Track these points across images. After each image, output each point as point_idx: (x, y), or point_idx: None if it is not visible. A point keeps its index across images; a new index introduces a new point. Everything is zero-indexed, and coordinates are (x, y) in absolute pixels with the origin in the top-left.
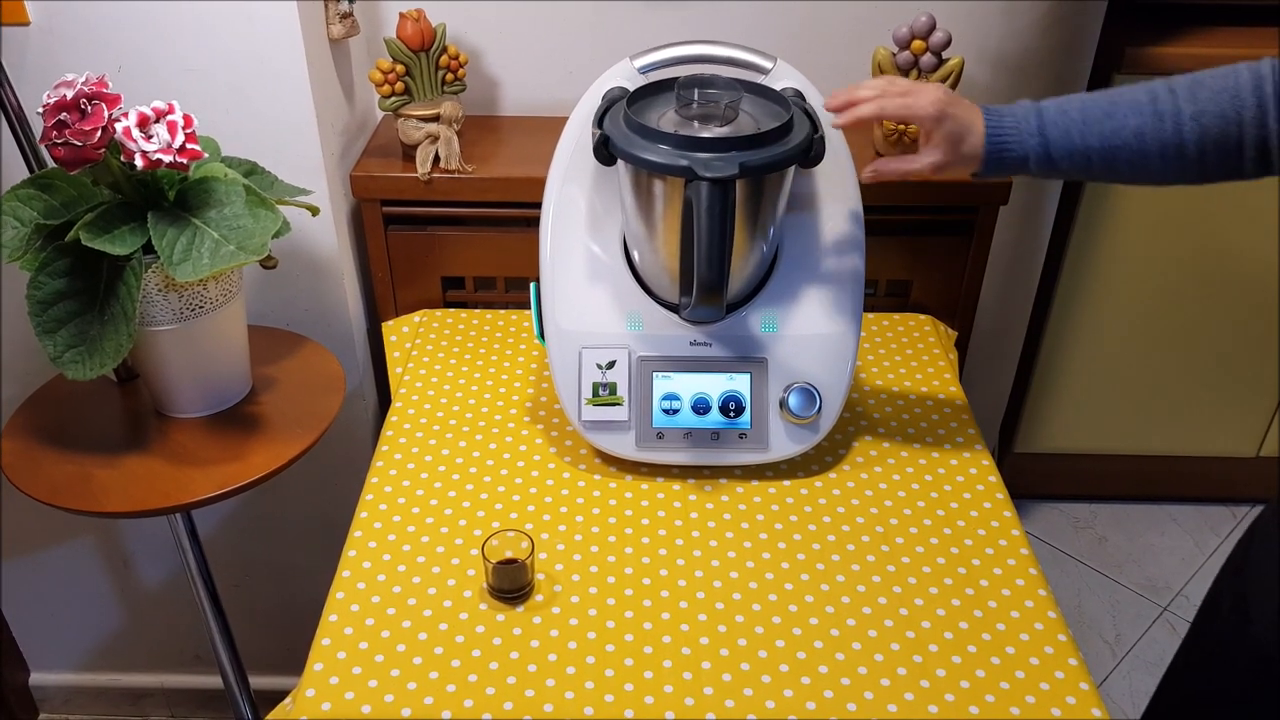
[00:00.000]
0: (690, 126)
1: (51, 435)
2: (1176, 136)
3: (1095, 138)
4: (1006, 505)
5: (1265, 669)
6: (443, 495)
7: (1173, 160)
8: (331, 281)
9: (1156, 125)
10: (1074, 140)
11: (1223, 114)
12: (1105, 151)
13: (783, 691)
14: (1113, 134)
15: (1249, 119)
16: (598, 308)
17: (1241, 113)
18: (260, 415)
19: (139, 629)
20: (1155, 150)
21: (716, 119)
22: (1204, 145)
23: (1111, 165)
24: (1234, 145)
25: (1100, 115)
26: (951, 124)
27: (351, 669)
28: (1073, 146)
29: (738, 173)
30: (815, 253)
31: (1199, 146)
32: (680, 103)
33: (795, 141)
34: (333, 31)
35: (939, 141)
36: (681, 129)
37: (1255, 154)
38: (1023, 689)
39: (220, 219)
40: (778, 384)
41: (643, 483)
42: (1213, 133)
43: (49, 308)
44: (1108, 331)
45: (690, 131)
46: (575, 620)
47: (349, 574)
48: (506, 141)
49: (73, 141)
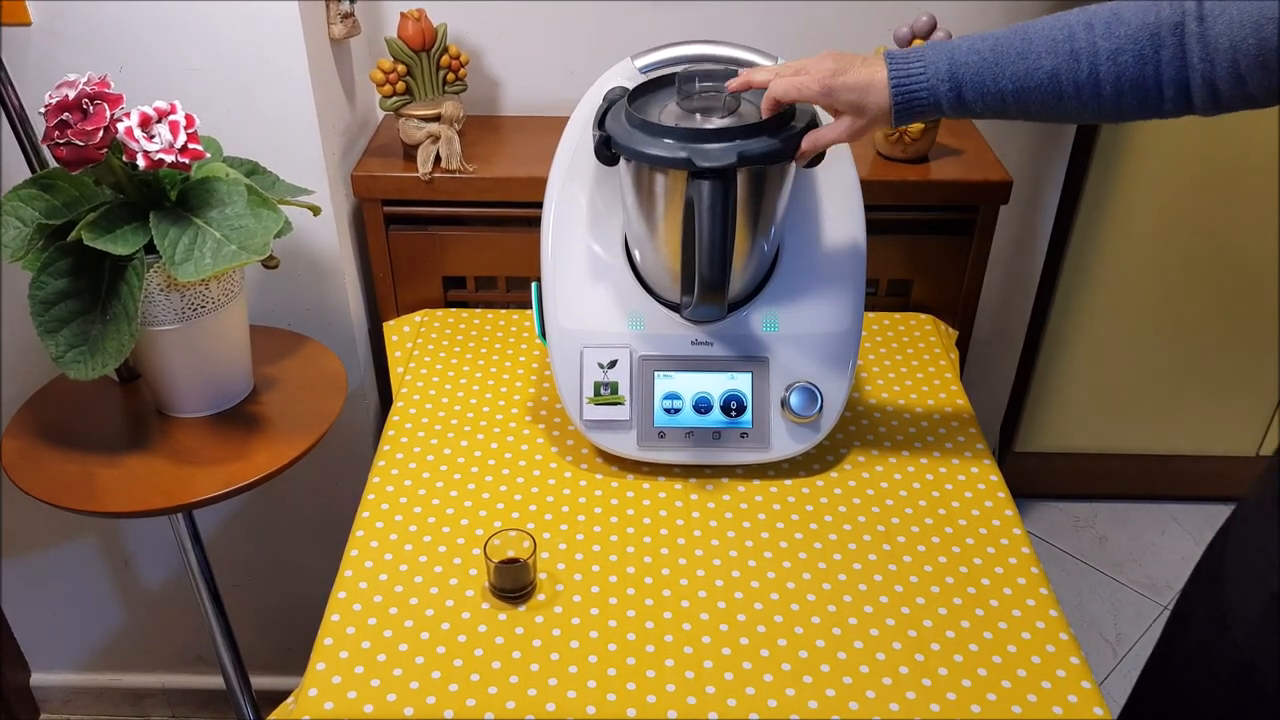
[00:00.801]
0: (692, 119)
1: (53, 435)
2: (1092, 78)
3: (1009, 79)
4: (1008, 504)
5: (1247, 675)
6: (444, 494)
7: (1089, 100)
8: (333, 281)
9: (1072, 65)
10: (985, 83)
11: (1140, 54)
12: (1019, 93)
13: (784, 690)
14: (1027, 75)
15: (1167, 58)
16: (599, 307)
17: (1160, 51)
18: (262, 415)
19: (140, 629)
20: (1071, 91)
21: (718, 110)
22: (1120, 85)
23: (1025, 106)
24: (1152, 85)
25: (1014, 55)
26: (845, 93)
27: (354, 668)
28: (984, 89)
29: (735, 161)
30: (817, 252)
31: (1115, 86)
32: (681, 95)
33: (795, 132)
34: (334, 31)
35: (842, 110)
36: (682, 121)
37: (1174, 93)
38: (1024, 688)
39: (222, 219)
40: (779, 383)
41: (644, 482)
42: (1129, 72)
43: (51, 307)
44: (1107, 331)
45: (691, 124)
46: (577, 619)
47: (351, 573)
48: (507, 141)
49: (75, 141)
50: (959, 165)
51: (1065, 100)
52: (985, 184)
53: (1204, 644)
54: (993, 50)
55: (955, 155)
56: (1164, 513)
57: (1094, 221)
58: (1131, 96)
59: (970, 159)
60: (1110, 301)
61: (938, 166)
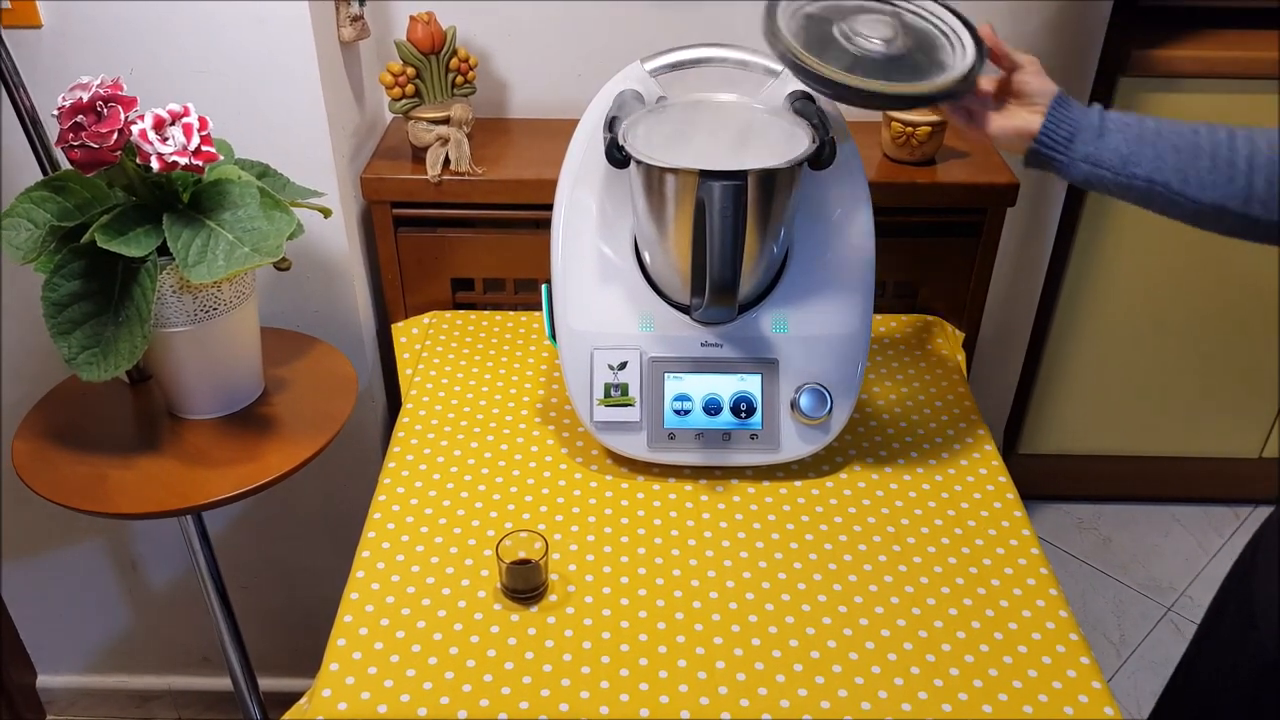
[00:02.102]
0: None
1: (65, 436)
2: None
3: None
4: (1016, 505)
5: (1271, 675)
6: (455, 495)
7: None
8: (342, 283)
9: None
10: (1120, 180)
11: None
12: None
13: (797, 690)
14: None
15: None
16: (609, 309)
17: None
18: (273, 416)
19: (146, 631)
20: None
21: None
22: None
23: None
24: None
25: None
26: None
27: (367, 669)
28: (1117, 185)
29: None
30: (826, 254)
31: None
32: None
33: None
34: (343, 34)
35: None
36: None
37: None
38: (1034, 688)
39: (235, 221)
40: (789, 385)
41: (654, 483)
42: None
43: (64, 309)
44: (1112, 333)
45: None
46: (589, 620)
47: (363, 574)
48: (516, 144)
49: (89, 144)
50: (966, 168)
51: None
52: (992, 186)
53: (1231, 642)
54: (1152, 161)
55: (962, 158)
56: (1167, 514)
57: (1099, 224)
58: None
59: (977, 162)
60: (1114, 304)
61: (945, 169)
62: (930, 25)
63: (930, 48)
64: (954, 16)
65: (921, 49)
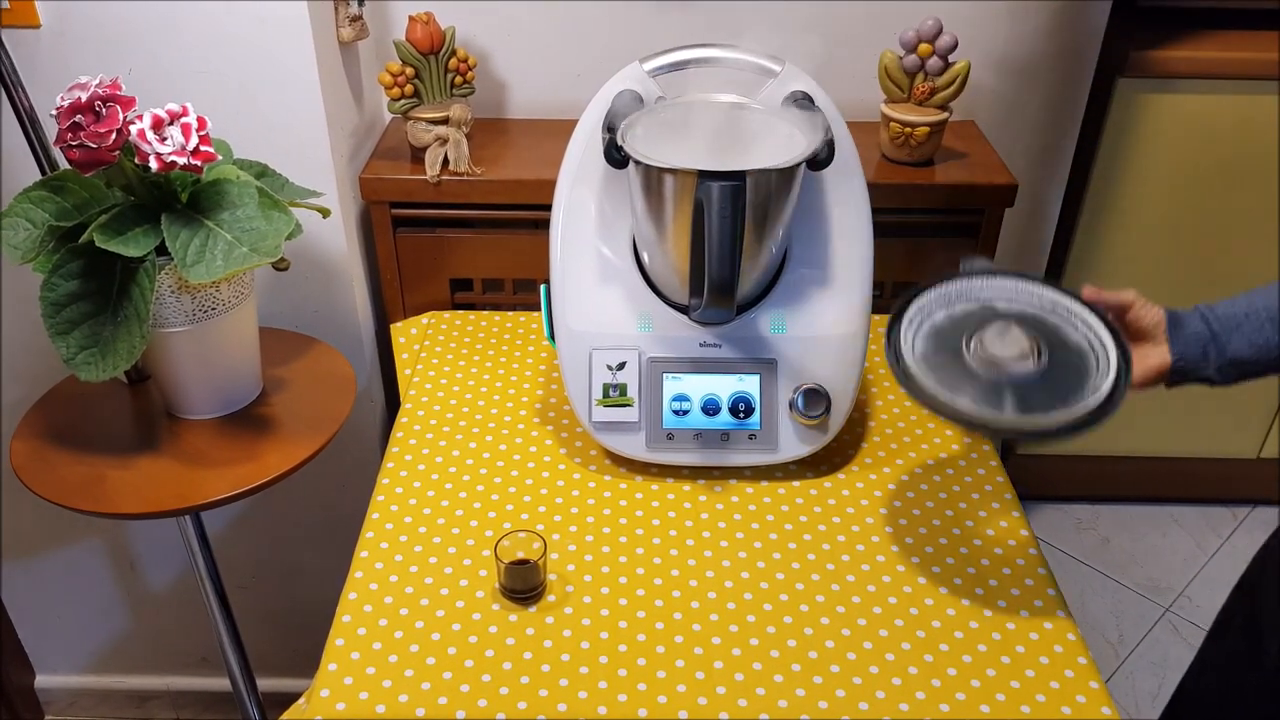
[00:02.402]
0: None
1: (63, 437)
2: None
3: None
4: (1015, 505)
5: (1277, 690)
6: (453, 496)
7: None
8: (341, 283)
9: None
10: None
11: None
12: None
13: (795, 690)
14: None
15: None
16: (608, 309)
17: None
18: (271, 416)
19: (145, 631)
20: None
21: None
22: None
23: None
24: None
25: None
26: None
27: (365, 669)
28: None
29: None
30: (824, 254)
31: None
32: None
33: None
34: (343, 34)
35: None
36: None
37: None
38: (1033, 688)
39: (233, 221)
40: (787, 385)
41: (653, 483)
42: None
43: (62, 309)
44: None
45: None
46: (588, 620)
47: (361, 574)
48: (515, 144)
49: (88, 144)
50: (964, 168)
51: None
52: (990, 187)
53: (1238, 653)
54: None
55: (960, 158)
56: (1166, 515)
57: (1097, 225)
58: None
59: (975, 162)
60: None
61: (943, 170)
62: (1065, 325)
63: (1067, 354)
64: (1091, 314)
65: (1059, 361)
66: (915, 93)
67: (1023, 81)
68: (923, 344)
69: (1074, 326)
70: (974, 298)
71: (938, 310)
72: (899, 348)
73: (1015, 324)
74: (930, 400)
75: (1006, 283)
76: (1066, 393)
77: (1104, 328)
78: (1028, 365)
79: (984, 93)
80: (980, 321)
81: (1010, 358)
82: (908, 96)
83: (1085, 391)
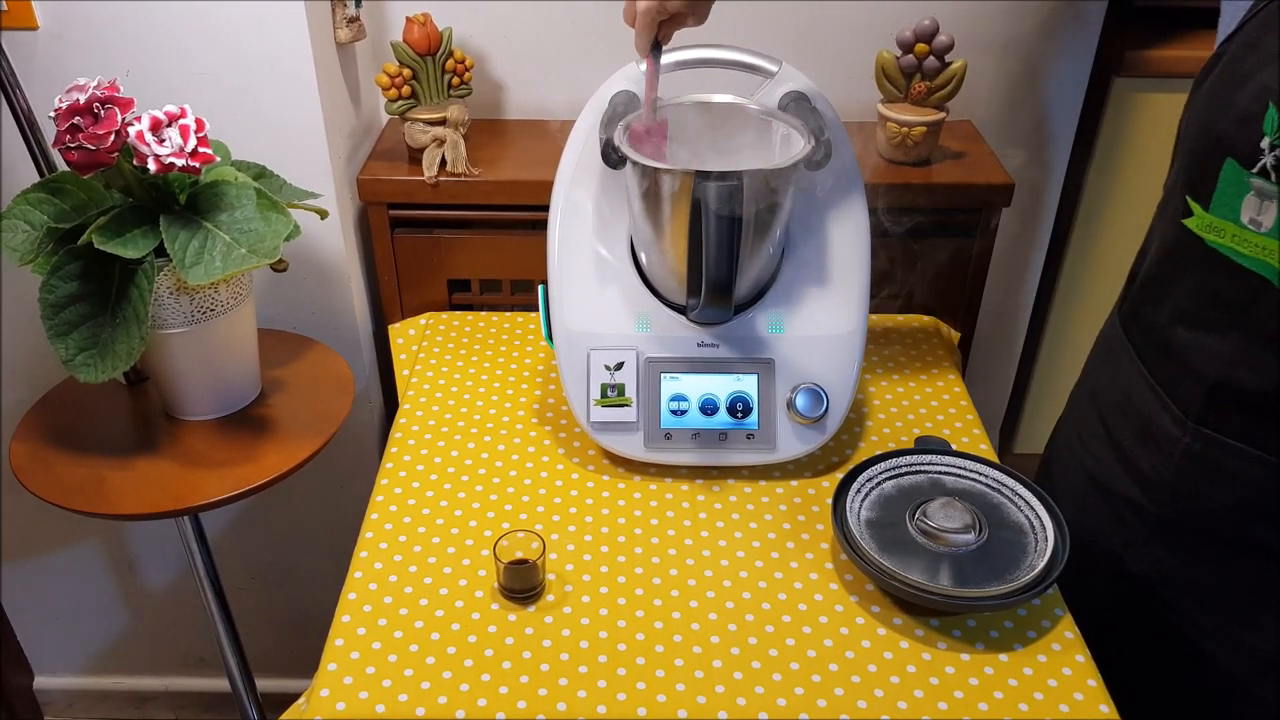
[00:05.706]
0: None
1: (62, 438)
2: None
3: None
4: None
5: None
6: (452, 496)
7: None
8: (338, 284)
9: None
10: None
11: None
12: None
13: (794, 689)
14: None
15: None
16: (606, 310)
17: None
18: (270, 418)
19: (144, 632)
20: None
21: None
22: None
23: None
24: None
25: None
26: None
27: (365, 669)
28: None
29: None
30: (822, 254)
31: None
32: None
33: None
34: (340, 35)
35: None
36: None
37: None
38: (1031, 685)
39: (232, 222)
40: (785, 385)
41: (651, 483)
42: None
43: (61, 311)
44: None
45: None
46: (587, 619)
47: (360, 574)
48: (513, 145)
49: (86, 145)
50: (961, 168)
51: None
52: (987, 186)
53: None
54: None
55: (957, 158)
56: None
57: (1094, 224)
58: None
59: (972, 162)
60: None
61: (940, 169)
62: (1008, 504)
63: (1005, 532)
64: (1034, 496)
65: (998, 540)
66: (912, 93)
67: (1019, 81)
68: (869, 511)
69: (1016, 506)
70: (923, 472)
71: (887, 481)
72: (844, 513)
73: (959, 500)
74: (870, 565)
75: (956, 461)
76: (1003, 569)
77: (1045, 510)
78: (969, 539)
79: (981, 91)
80: (927, 495)
81: (951, 530)
82: (904, 96)
83: (1021, 570)
